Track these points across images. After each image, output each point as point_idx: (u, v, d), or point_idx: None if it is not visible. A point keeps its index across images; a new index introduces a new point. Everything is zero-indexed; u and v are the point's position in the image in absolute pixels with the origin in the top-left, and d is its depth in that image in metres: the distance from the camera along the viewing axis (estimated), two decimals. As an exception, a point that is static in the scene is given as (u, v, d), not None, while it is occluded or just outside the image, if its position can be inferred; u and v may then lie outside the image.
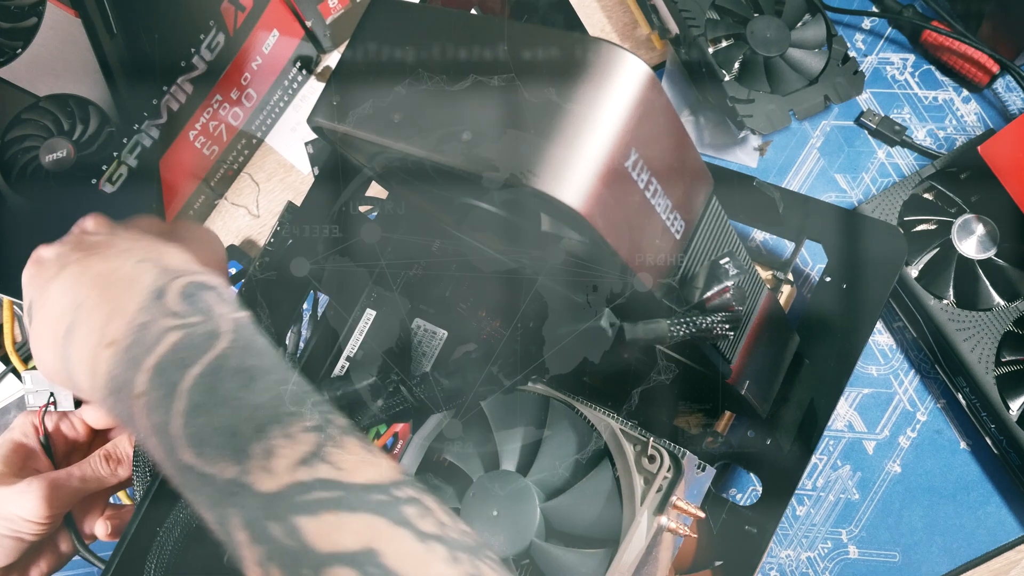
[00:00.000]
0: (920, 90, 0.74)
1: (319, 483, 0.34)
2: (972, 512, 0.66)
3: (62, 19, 0.57)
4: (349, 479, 0.35)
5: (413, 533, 0.34)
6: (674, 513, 0.48)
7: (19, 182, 0.59)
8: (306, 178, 0.78)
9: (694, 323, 0.43)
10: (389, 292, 0.58)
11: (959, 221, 0.67)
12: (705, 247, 0.43)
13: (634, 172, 0.36)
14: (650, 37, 0.76)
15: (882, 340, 0.70)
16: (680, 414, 0.62)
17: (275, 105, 0.77)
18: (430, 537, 0.34)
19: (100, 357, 0.37)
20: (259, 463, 0.34)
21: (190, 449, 0.35)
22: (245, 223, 0.77)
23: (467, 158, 0.36)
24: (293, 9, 0.72)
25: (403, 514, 0.34)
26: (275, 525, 0.34)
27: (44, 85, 0.58)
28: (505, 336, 0.50)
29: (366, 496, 0.34)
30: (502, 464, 0.52)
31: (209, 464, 0.35)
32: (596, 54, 0.35)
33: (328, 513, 0.34)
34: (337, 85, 0.41)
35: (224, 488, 0.35)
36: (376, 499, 0.35)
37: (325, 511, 0.34)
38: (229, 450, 0.35)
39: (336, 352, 0.57)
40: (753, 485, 0.68)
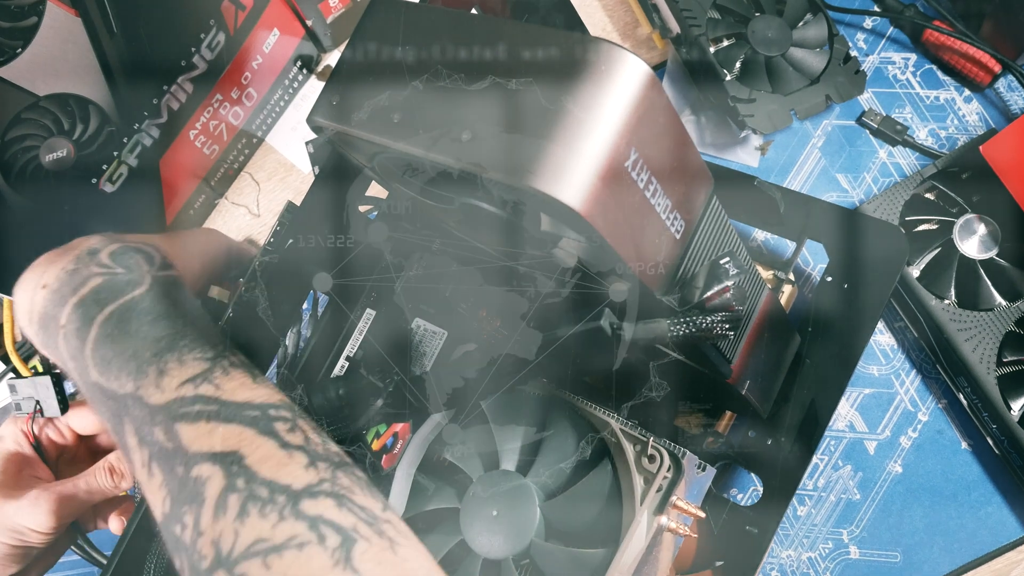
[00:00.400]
0: (922, 90, 0.74)
1: (200, 399, 0.40)
2: (973, 512, 0.66)
3: (62, 18, 0.57)
4: (228, 397, 0.40)
5: (277, 442, 0.38)
6: (674, 513, 0.48)
7: (19, 182, 0.59)
8: (307, 177, 0.77)
9: (694, 323, 0.43)
10: (389, 292, 0.58)
11: (961, 221, 0.67)
12: (705, 247, 0.43)
13: (634, 172, 0.36)
14: (651, 36, 0.76)
15: (883, 340, 0.70)
16: (680, 414, 0.62)
17: (276, 104, 0.77)
18: (294, 447, 0.39)
19: (36, 297, 0.44)
20: (152, 381, 0.40)
21: (96, 369, 0.41)
22: (245, 222, 0.77)
23: (466, 158, 0.35)
24: (294, 8, 0.72)
25: (272, 427, 0.39)
26: (158, 430, 0.39)
27: (44, 84, 0.58)
28: (505, 336, 0.50)
29: (240, 411, 0.39)
30: (502, 464, 0.52)
31: (111, 381, 0.41)
32: (596, 54, 0.35)
33: (204, 422, 0.39)
34: (337, 85, 0.41)
35: (121, 401, 0.40)
36: (249, 414, 0.39)
37: (202, 420, 0.39)
38: (127, 371, 0.40)
39: (336, 352, 0.57)
40: (754, 485, 0.68)
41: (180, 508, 0.37)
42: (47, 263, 0.45)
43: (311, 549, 0.35)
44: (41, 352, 0.47)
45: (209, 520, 0.36)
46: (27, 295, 0.45)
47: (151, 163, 0.68)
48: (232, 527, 0.36)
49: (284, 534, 0.35)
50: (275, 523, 0.36)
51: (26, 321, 0.45)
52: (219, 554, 0.35)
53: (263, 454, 0.38)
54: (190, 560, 0.37)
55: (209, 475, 0.37)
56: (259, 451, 0.38)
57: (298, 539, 0.35)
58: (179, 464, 0.38)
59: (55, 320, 0.43)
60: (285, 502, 0.36)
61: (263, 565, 0.35)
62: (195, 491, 0.37)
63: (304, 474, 0.38)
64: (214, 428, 0.39)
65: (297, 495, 0.36)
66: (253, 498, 0.36)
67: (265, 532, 0.35)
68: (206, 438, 0.38)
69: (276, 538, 0.35)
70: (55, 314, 0.43)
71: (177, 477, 0.38)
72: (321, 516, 0.36)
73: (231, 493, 0.36)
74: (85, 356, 0.42)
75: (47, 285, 0.44)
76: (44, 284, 0.44)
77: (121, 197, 0.66)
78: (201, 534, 0.36)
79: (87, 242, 0.46)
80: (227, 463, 0.37)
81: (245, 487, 0.37)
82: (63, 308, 0.43)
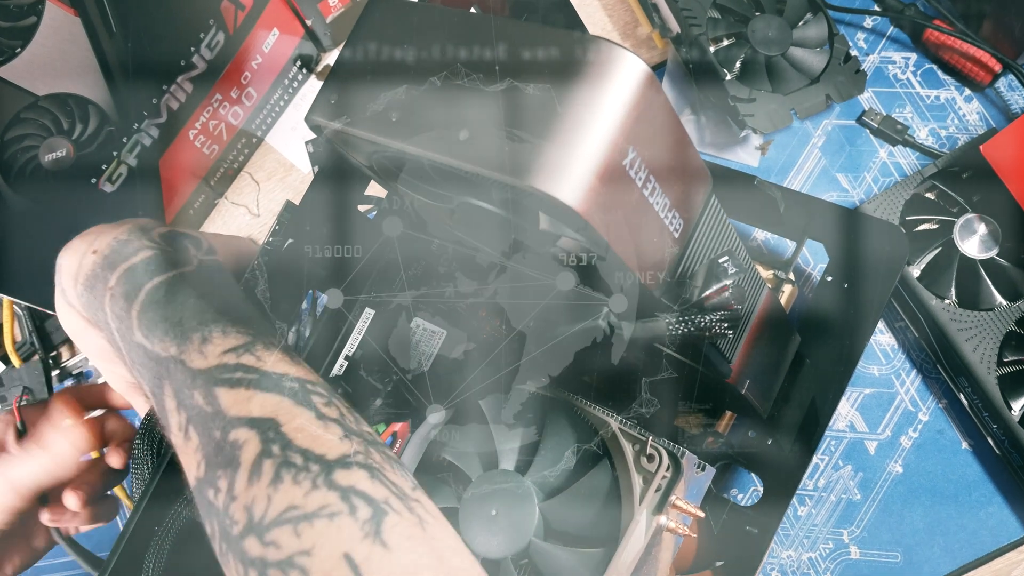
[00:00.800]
0: (922, 89, 0.74)
1: (241, 367, 0.40)
2: (974, 512, 0.66)
3: (61, 18, 0.57)
4: (268, 368, 0.40)
5: (314, 413, 0.39)
6: (674, 513, 0.48)
7: (18, 181, 0.59)
8: (306, 177, 0.78)
9: (693, 322, 0.42)
10: (388, 291, 0.58)
11: (961, 221, 0.66)
12: (704, 246, 0.43)
13: (632, 171, 0.36)
14: (651, 36, 0.76)
15: (884, 340, 0.70)
16: (680, 414, 0.62)
17: (275, 104, 0.77)
18: (330, 419, 0.39)
19: (85, 261, 0.46)
20: (195, 347, 0.41)
21: (140, 331, 0.43)
22: (245, 222, 0.77)
23: (465, 157, 0.35)
24: (293, 8, 0.72)
25: (309, 399, 0.39)
26: (198, 393, 0.40)
27: (43, 84, 0.58)
28: (506, 336, 0.50)
29: (280, 382, 0.40)
30: (501, 463, 0.52)
31: (155, 343, 0.42)
32: (595, 53, 0.35)
33: (243, 388, 0.39)
34: (335, 84, 0.41)
35: (163, 363, 0.41)
36: (288, 385, 0.40)
37: (241, 387, 0.39)
38: (172, 335, 0.42)
39: (335, 351, 0.57)
40: (754, 485, 0.68)
41: (215, 472, 0.37)
42: (98, 232, 0.47)
43: (342, 519, 0.35)
44: (82, 313, 0.48)
45: (243, 485, 0.36)
46: (75, 258, 0.47)
47: (151, 163, 0.68)
48: (265, 493, 0.36)
49: (316, 503, 0.35)
50: (308, 491, 0.36)
51: (71, 282, 0.47)
52: (251, 520, 0.35)
53: (299, 423, 0.38)
54: (221, 525, 0.37)
55: (246, 439, 0.37)
56: (296, 420, 0.38)
57: (329, 508, 0.35)
58: (216, 428, 0.38)
59: (103, 282, 0.45)
60: (319, 471, 0.36)
61: (294, 533, 0.35)
62: (231, 455, 0.37)
63: (339, 445, 0.38)
64: (252, 395, 0.39)
65: (331, 464, 0.36)
66: (287, 464, 0.36)
67: (297, 499, 0.35)
68: (244, 403, 0.39)
69: (308, 506, 0.35)
70: (104, 276, 0.45)
71: (214, 441, 0.38)
72: (353, 487, 0.36)
73: (266, 458, 0.37)
74: (131, 317, 0.43)
75: (98, 251, 0.46)
76: (95, 250, 0.46)
77: (120, 197, 0.66)
78: (235, 499, 0.36)
79: (138, 221, 0.48)
80: (263, 428, 0.38)
81: (280, 453, 0.37)
82: (113, 272, 0.45)
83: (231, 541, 0.36)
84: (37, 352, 0.73)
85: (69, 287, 0.47)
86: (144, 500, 0.51)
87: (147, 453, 0.54)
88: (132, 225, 0.48)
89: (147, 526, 0.51)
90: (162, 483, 0.51)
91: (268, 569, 0.35)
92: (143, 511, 0.51)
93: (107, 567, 0.50)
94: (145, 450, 0.56)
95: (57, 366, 0.74)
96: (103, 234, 0.47)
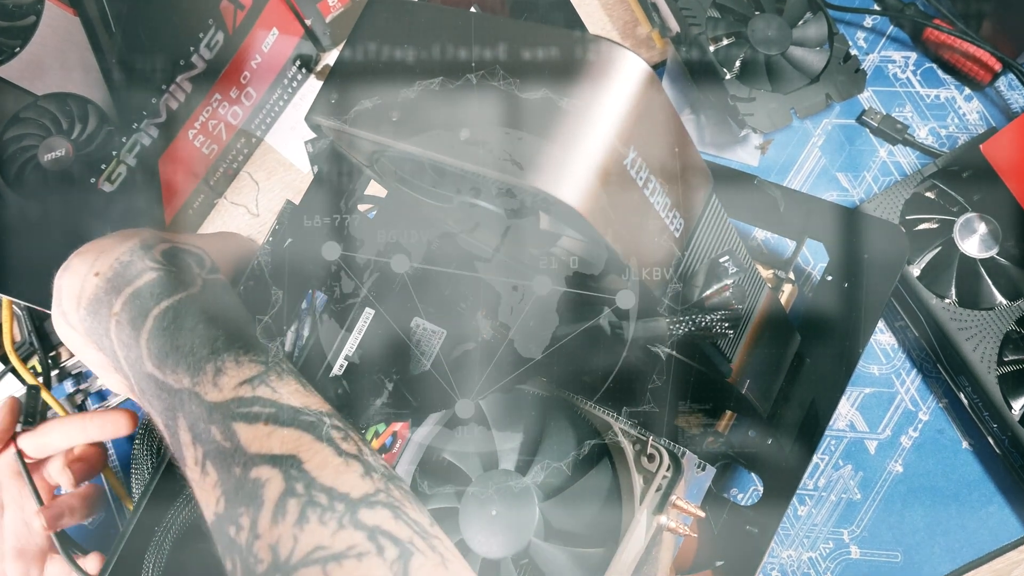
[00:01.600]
0: (922, 88, 0.74)
1: (258, 400, 0.40)
2: (974, 512, 0.66)
3: (61, 18, 0.57)
4: (285, 401, 0.40)
5: (334, 449, 0.39)
6: (674, 513, 0.48)
7: (18, 181, 0.59)
8: (306, 177, 0.77)
9: (694, 321, 0.42)
10: (388, 291, 0.58)
11: (961, 220, 0.66)
12: (705, 245, 0.43)
13: (633, 170, 0.36)
14: (651, 35, 0.76)
15: (884, 339, 0.70)
16: (680, 414, 0.62)
17: (274, 104, 0.77)
18: (349, 455, 0.39)
19: (87, 284, 0.45)
20: (209, 378, 0.40)
21: (152, 361, 0.42)
22: (244, 222, 0.77)
23: (465, 157, 0.35)
24: (292, 7, 0.72)
25: (328, 434, 0.39)
26: (215, 428, 0.39)
27: (42, 84, 0.58)
28: (508, 336, 0.50)
29: (297, 416, 0.39)
30: (501, 463, 0.52)
31: (168, 375, 0.41)
32: (595, 52, 0.35)
33: (262, 424, 0.39)
34: (335, 83, 0.41)
35: (177, 395, 0.40)
36: (306, 419, 0.39)
37: (260, 421, 0.39)
38: (185, 365, 0.41)
39: (335, 351, 0.57)
40: (754, 485, 0.68)
41: (236, 509, 0.37)
42: (98, 251, 0.46)
43: (370, 560, 0.35)
44: (84, 338, 0.47)
45: (267, 524, 0.36)
46: (77, 280, 0.45)
47: (150, 162, 0.68)
48: (291, 532, 0.36)
49: (344, 543, 0.35)
50: (335, 531, 0.36)
51: (73, 305, 0.46)
52: (276, 559, 0.35)
53: (321, 460, 0.38)
54: (244, 562, 0.36)
55: (268, 477, 0.37)
56: (317, 457, 0.38)
57: (357, 548, 0.35)
58: (237, 465, 0.38)
59: (108, 307, 0.44)
60: (344, 510, 0.36)
61: (322, 573, 0.35)
62: (253, 493, 0.37)
63: (361, 483, 0.38)
64: (273, 431, 0.39)
65: (355, 504, 0.37)
66: (313, 504, 0.36)
67: (325, 540, 0.35)
68: (264, 440, 0.38)
69: (336, 546, 0.35)
70: (108, 301, 0.44)
71: (234, 477, 0.38)
72: (379, 527, 0.36)
73: (291, 498, 0.36)
74: (140, 346, 0.42)
75: (100, 273, 0.45)
76: (97, 272, 0.45)
77: (120, 197, 0.66)
78: (258, 537, 0.36)
79: (139, 235, 0.47)
80: (286, 467, 0.37)
81: (304, 492, 0.37)
82: (117, 297, 0.44)
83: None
84: (36, 352, 0.73)
85: (71, 310, 0.46)
86: (144, 500, 0.51)
87: (147, 453, 0.54)
88: (134, 243, 0.46)
89: (147, 526, 0.51)
90: (162, 483, 0.51)
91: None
92: (143, 511, 0.51)
93: (107, 567, 0.50)
94: (145, 450, 0.56)
95: (56, 366, 0.74)
96: (104, 253, 0.46)
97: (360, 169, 0.49)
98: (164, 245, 0.47)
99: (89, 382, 0.75)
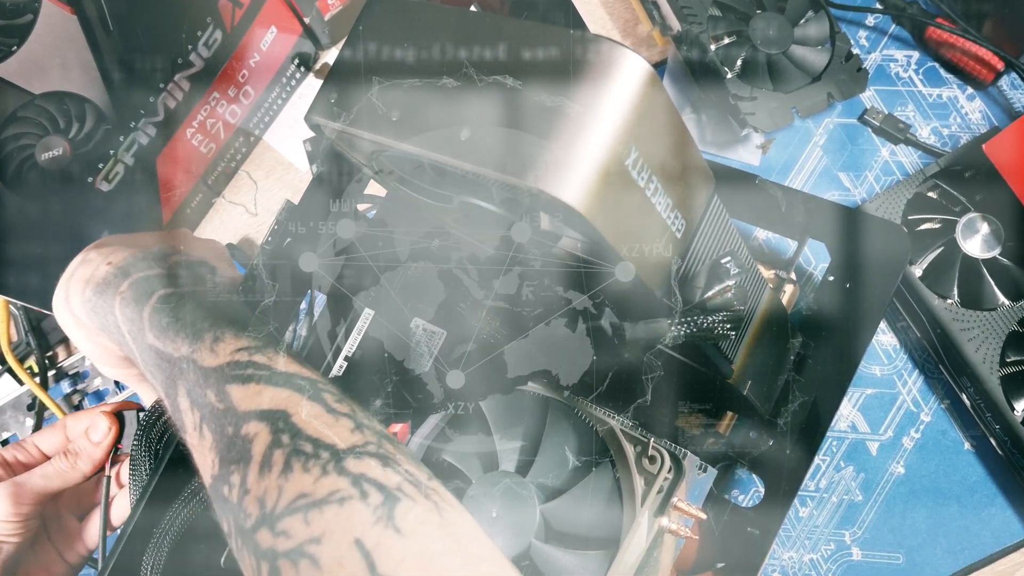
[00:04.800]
0: (924, 87, 0.74)
1: (252, 364, 0.40)
2: (976, 513, 0.66)
3: (58, 16, 0.57)
4: (279, 367, 0.40)
5: (325, 407, 0.39)
6: (675, 514, 0.48)
7: (15, 180, 0.59)
8: (304, 176, 0.77)
9: (695, 323, 0.42)
10: (387, 291, 0.57)
11: (963, 220, 0.66)
12: (707, 246, 0.42)
13: (634, 171, 0.35)
14: (651, 34, 0.76)
15: (886, 340, 0.70)
16: (681, 414, 0.62)
17: (273, 102, 0.77)
18: (340, 413, 0.39)
19: (99, 270, 0.47)
20: (207, 345, 0.41)
21: (152, 332, 0.43)
22: (243, 221, 0.77)
23: (466, 157, 0.35)
24: (291, 5, 0.72)
25: (320, 395, 0.39)
26: (210, 392, 0.39)
27: (40, 83, 0.58)
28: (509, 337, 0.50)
29: (291, 379, 0.40)
30: (501, 465, 0.51)
31: (167, 344, 0.42)
32: (596, 52, 0.34)
33: (255, 384, 0.39)
34: (335, 83, 0.41)
35: (176, 364, 0.41)
36: (298, 382, 0.40)
37: (253, 382, 0.39)
38: (184, 335, 0.42)
39: (335, 352, 0.57)
40: (755, 486, 0.67)
41: (228, 468, 0.37)
42: (117, 245, 0.49)
43: (352, 505, 0.34)
44: (85, 320, 0.48)
45: (255, 478, 0.36)
46: (90, 267, 0.48)
47: (148, 161, 0.68)
48: (276, 483, 0.35)
49: (325, 489, 0.34)
50: (317, 478, 0.35)
51: (79, 288, 0.48)
52: (263, 512, 0.35)
53: (310, 414, 0.38)
54: (236, 520, 0.36)
55: (256, 432, 0.37)
56: (306, 411, 0.38)
57: (340, 494, 0.34)
58: (229, 424, 0.38)
59: (115, 288, 0.46)
60: (329, 458, 0.36)
61: (303, 521, 0.34)
62: (243, 449, 0.37)
63: (350, 436, 0.37)
64: (263, 389, 0.39)
65: (341, 453, 0.36)
66: (297, 453, 0.36)
67: (307, 487, 0.35)
68: (255, 398, 0.39)
69: (318, 493, 0.34)
70: (116, 283, 0.46)
71: (226, 437, 0.38)
72: (364, 474, 0.35)
73: (276, 449, 0.36)
74: (143, 319, 0.44)
75: (112, 263, 0.47)
76: (110, 262, 0.48)
77: (117, 196, 0.66)
78: (247, 492, 0.36)
79: (158, 244, 0.50)
80: (274, 420, 0.37)
81: (290, 442, 0.36)
82: (126, 280, 0.46)
83: (245, 535, 0.35)
84: (33, 352, 0.73)
85: (76, 292, 0.48)
86: (142, 501, 0.50)
87: (144, 454, 0.54)
88: (150, 250, 0.49)
89: (145, 527, 0.50)
90: (160, 484, 0.51)
91: (278, 560, 0.34)
92: (141, 512, 0.50)
93: (105, 568, 0.50)
94: (143, 451, 0.56)
95: (53, 366, 0.74)
96: (120, 250, 0.48)
97: (360, 169, 0.49)
98: (180, 257, 0.49)
99: (86, 382, 0.75)
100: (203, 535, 0.52)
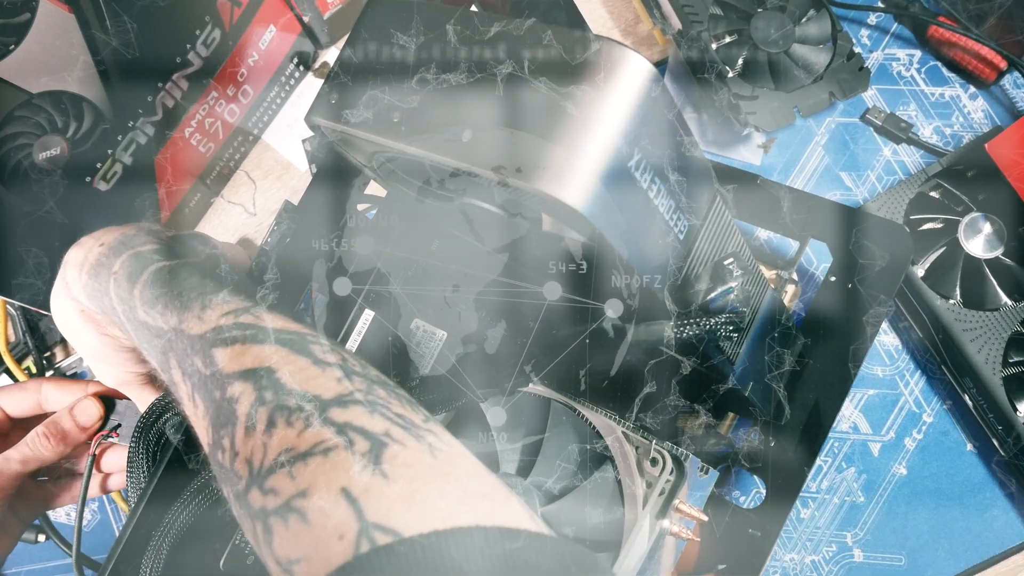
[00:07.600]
0: (926, 87, 0.74)
1: (239, 326, 0.39)
2: (979, 515, 0.65)
3: (56, 15, 0.56)
4: (266, 324, 0.39)
5: (311, 359, 0.37)
6: (677, 516, 0.48)
7: (12, 180, 0.59)
8: (303, 176, 0.77)
9: (698, 324, 0.42)
10: (387, 292, 0.57)
11: (966, 220, 0.66)
12: (709, 247, 0.42)
13: (637, 172, 0.35)
14: (652, 33, 0.75)
15: (888, 340, 0.69)
16: (682, 416, 0.62)
17: (272, 102, 0.76)
18: (328, 364, 0.37)
19: (92, 252, 0.47)
20: (195, 314, 0.40)
21: (143, 307, 0.42)
22: (242, 221, 0.77)
23: (467, 158, 0.35)
24: (290, 4, 0.71)
25: (307, 348, 0.38)
26: (197, 359, 0.39)
27: (37, 82, 0.58)
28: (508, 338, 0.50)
29: (276, 335, 0.39)
30: (501, 466, 0.51)
31: (157, 318, 0.42)
32: (598, 52, 0.34)
33: (239, 344, 0.38)
34: (335, 83, 0.40)
35: (166, 336, 0.41)
36: (285, 337, 0.38)
37: (237, 343, 0.38)
38: (172, 307, 0.41)
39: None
40: (757, 488, 0.67)
41: (219, 433, 0.36)
42: (106, 231, 0.49)
43: (338, 454, 0.33)
44: (85, 304, 0.48)
45: (242, 438, 0.35)
46: (83, 250, 0.48)
47: (146, 161, 0.67)
48: (261, 441, 0.34)
49: (310, 441, 0.33)
50: (300, 431, 0.34)
51: (76, 272, 0.47)
52: (251, 471, 0.34)
53: (294, 368, 0.37)
54: (232, 486, 0.35)
55: (241, 392, 0.36)
56: (291, 366, 0.37)
57: (324, 444, 0.33)
58: (216, 388, 0.37)
59: (107, 267, 0.45)
60: (312, 410, 0.34)
61: (289, 476, 0.33)
62: (229, 412, 0.36)
63: (336, 386, 0.36)
64: (247, 348, 0.38)
65: (326, 404, 0.35)
66: (280, 408, 0.35)
67: (291, 441, 0.34)
68: (239, 358, 0.37)
69: (301, 446, 0.33)
70: (109, 263, 0.46)
71: (215, 402, 0.37)
72: (350, 423, 0.34)
73: (260, 406, 0.35)
74: (134, 296, 0.43)
75: (105, 243, 0.47)
76: (102, 243, 0.47)
77: (116, 195, 0.66)
78: (237, 455, 0.35)
79: (147, 223, 0.50)
80: (257, 378, 0.36)
81: (273, 399, 0.35)
82: (117, 258, 0.45)
83: (240, 499, 0.35)
84: (31, 352, 0.72)
85: (73, 277, 0.47)
86: (141, 504, 0.50)
87: (142, 456, 0.53)
88: (142, 225, 0.49)
89: (144, 530, 0.50)
90: (158, 486, 0.51)
91: (269, 518, 0.33)
92: (140, 515, 0.50)
93: (104, 571, 0.50)
94: (140, 453, 0.55)
95: (51, 367, 0.74)
96: (111, 232, 0.48)
97: (360, 169, 0.48)
98: (172, 232, 0.49)
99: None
100: (203, 537, 0.52)
